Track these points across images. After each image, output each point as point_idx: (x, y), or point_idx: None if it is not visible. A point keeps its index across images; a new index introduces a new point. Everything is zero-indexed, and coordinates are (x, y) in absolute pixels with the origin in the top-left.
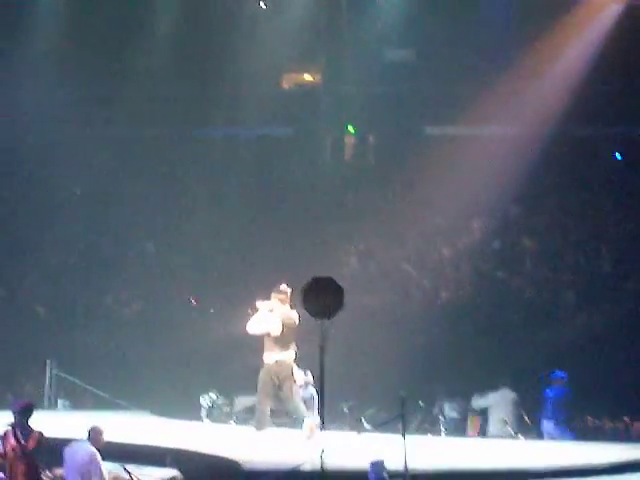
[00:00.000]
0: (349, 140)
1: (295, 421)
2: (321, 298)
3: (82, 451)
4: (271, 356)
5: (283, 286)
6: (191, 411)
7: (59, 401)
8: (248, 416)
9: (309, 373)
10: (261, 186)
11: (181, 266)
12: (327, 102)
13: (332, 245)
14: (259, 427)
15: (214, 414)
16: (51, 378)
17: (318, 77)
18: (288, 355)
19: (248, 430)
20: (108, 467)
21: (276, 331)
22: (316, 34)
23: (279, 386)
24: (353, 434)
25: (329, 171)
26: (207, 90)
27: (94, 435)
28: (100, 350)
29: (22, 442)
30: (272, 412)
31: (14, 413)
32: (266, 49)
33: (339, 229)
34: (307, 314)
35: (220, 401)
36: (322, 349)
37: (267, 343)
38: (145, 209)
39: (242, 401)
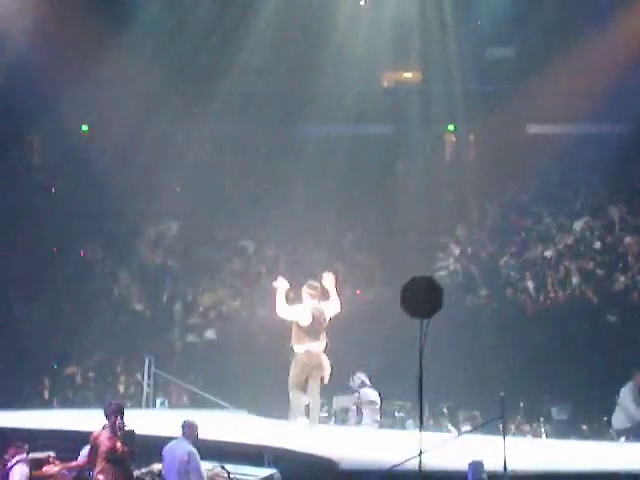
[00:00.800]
0: (449, 138)
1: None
2: (420, 298)
3: (181, 449)
4: (301, 347)
5: (313, 282)
6: (289, 411)
7: (157, 400)
8: (345, 416)
9: (363, 375)
10: (359, 185)
11: (278, 264)
12: (427, 100)
13: (432, 244)
14: (293, 419)
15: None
16: (149, 377)
17: (418, 75)
18: (318, 346)
19: (345, 430)
20: (206, 466)
21: (305, 322)
22: (416, 32)
23: (308, 375)
24: (452, 435)
25: (429, 170)
26: (306, 88)
27: (188, 430)
28: (197, 348)
29: (114, 444)
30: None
31: (106, 415)
32: (366, 47)
33: (439, 228)
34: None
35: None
36: (421, 349)
37: (297, 333)
38: (242, 207)
39: (340, 400)
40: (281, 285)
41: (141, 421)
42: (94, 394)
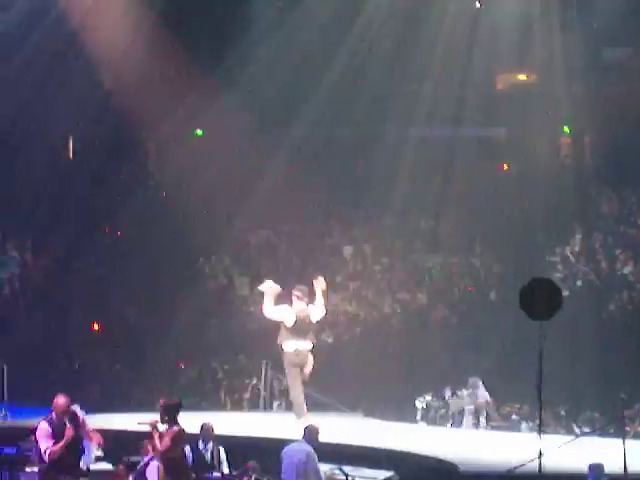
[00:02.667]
0: (564, 141)
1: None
2: (539, 299)
3: (299, 451)
4: (290, 345)
5: (301, 286)
6: (406, 413)
7: (274, 402)
8: (461, 418)
9: (478, 379)
10: (472, 188)
11: (393, 267)
12: (542, 102)
13: (548, 247)
14: (299, 415)
15: (429, 416)
16: (266, 379)
17: (533, 77)
18: (305, 345)
19: (463, 432)
20: (324, 468)
21: (289, 322)
22: (531, 33)
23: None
24: (570, 437)
25: (544, 172)
26: (419, 90)
27: (309, 434)
28: (315, 349)
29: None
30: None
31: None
32: (480, 49)
33: (555, 231)
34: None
35: (435, 403)
36: (540, 351)
37: (284, 333)
38: (343, 210)
39: (457, 403)
40: (267, 288)
41: (258, 424)
42: (210, 397)
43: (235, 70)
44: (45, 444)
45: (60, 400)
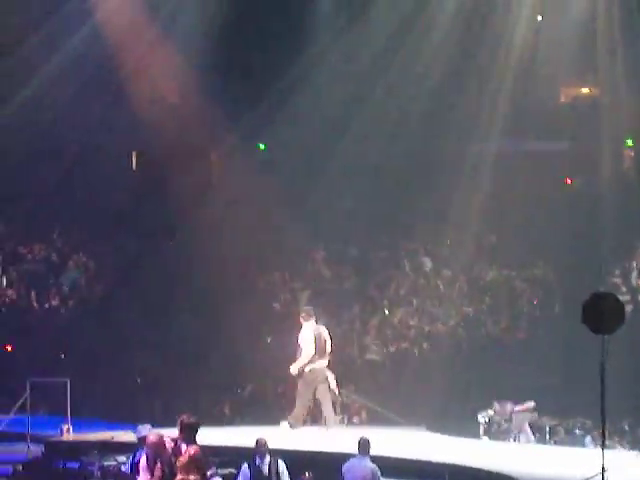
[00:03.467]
0: (628, 153)
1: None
2: (602, 314)
3: (364, 468)
4: (311, 365)
5: (309, 308)
6: (468, 428)
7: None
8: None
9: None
10: (536, 201)
11: (456, 282)
12: (605, 115)
13: (606, 261)
14: (294, 425)
15: (492, 431)
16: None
17: (596, 90)
18: (320, 364)
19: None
20: None
21: (312, 349)
22: (594, 47)
23: (315, 389)
24: (634, 452)
25: (607, 186)
26: (482, 104)
27: (366, 446)
28: (375, 366)
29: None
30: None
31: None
32: (543, 63)
33: (616, 245)
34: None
35: (498, 418)
36: (602, 365)
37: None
38: (405, 224)
39: (520, 417)
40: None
41: (319, 438)
42: (270, 411)
43: (297, 85)
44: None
45: (150, 437)
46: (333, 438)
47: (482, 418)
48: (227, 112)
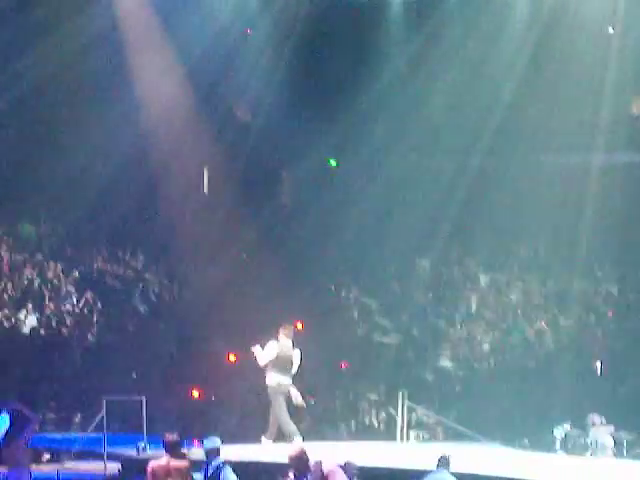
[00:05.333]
0: None
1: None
2: None
3: None
4: (273, 379)
5: (287, 325)
6: (544, 443)
7: (411, 433)
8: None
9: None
10: (608, 215)
11: (530, 297)
12: None
13: None
14: (291, 438)
15: (568, 445)
16: (403, 410)
17: None
18: (286, 379)
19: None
20: None
21: (272, 356)
22: None
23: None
24: None
25: None
26: (553, 117)
27: (446, 463)
28: (450, 381)
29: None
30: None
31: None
32: (615, 74)
33: None
34: None
35: (574, 432)
36: None
37: (269, 367)
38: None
39: (597, 432)
40: (257, 351)
41: (396, 454)
42: (348, 427)
43: (369, 103)
44: None
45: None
46: (410, 454)
47: (558, 433)
48: (298, 130)
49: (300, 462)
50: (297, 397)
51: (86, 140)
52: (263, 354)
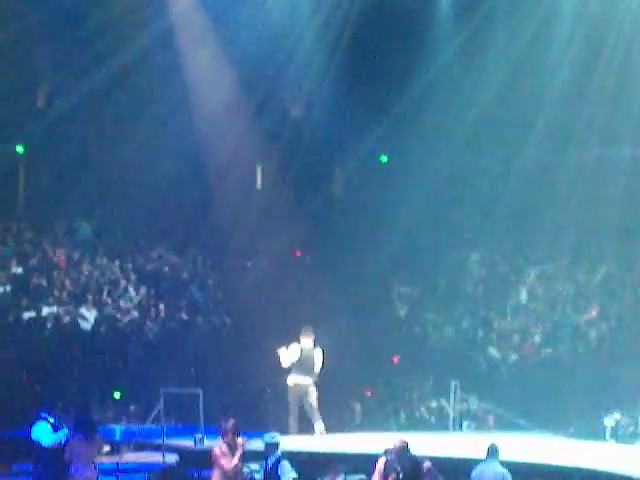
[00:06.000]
0: None
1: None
2: None
3: (491, 471)
4: (291, 379)
5: (306, 328)
6: (594, 432)
7: (463, 423)
8: None
9: None
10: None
11: (581, 290)
12: None
13: None
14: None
15: (618, 434)
16: (454, 400)
17: None
18: (304, 379)
19: None
20: None
21: (294, 357)
22: None
23: (301, 400)
24: None
25: None
26: (610, 110)
27: (496, 452)
28: (501, 372)
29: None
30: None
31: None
32: None
33: None
34: None
35: (624, 421)
36: None
37: (292, 368)
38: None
39: None
40: (282, 353)
41: (447, 445)
42: (400, 418)
43: (419, 97)
44: None
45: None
46: (461, 444)
47: (608, 422)
48: (350, 126)
49: (402, 453)
50: (312, 397)
51: (146, 139)
52: (286, 356)
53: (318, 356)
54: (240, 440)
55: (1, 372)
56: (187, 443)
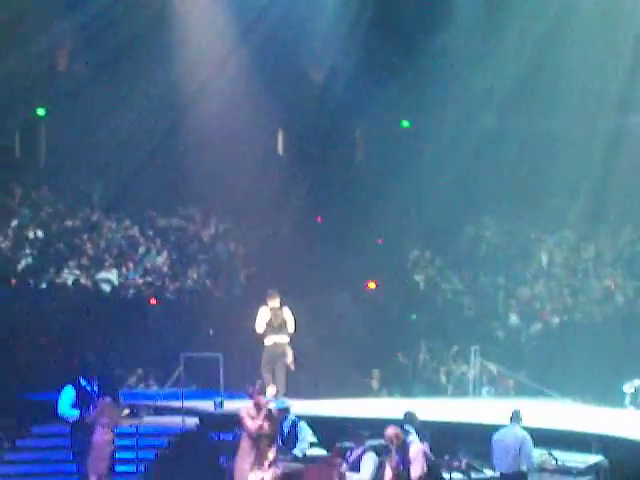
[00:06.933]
0: None
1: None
2: None
3: (512, 435)
4: (269, 339)
5: (271, 290)
6: (614, 398)
7: (483, 389)
8: None
9: None
10: None
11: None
12: None
13: None
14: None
15: (638, 401)
16: (475, 366)
17: None
18: (281, 338)
19: None
20: (535, 453)
21: (265, 318)
22: None
23: (276, 360)
24: None
25: None
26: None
27: (517, 416)
28: (521, 338)
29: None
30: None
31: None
32: None
33: None
34: None
35: None
36: None
37: (266, 330)
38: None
39: None
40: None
41: (468, 409)
42: (420, 384)
43: (442, 62)
44: None
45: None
46: (482, 410)
47: (628, 388)
48: (372, 91)
49: (398, 440)
50: (289, 357)
51: (168, 103)
52: (257, 321)
53: (288, 315)
54: (264, 401)
55: (23, 336)
56: (207, 407)
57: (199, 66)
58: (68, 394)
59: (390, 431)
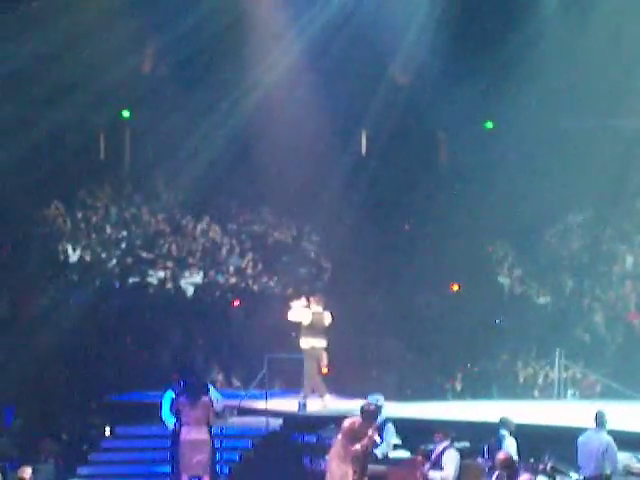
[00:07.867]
0: None
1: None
2: None
3: (598, 440)
4: (306, 343)
5: (318, 294)
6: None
7: (568, 391)
8: None
9: None
10: None
11: None
12: None
13: None
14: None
15: None
16: (560, 368)
17: None
18: (319, 342)
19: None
20: (621, 457)
21: (306, 321)
22: None
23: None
24: None
25: None
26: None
27: (602, 419)
28: (606, 339)
29: None
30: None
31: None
32: None
33: None
34: None
35: None
36: None
37: (303, 332)
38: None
39: None
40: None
41: (553, 412)
42: (503, 386)
43: (529, 65)
44: None
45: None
46: (567, 412)
47: None
48: (455, 92)
49: (510, 466)
50: (325, 360)
51: (250, 107)
52: (296, 313)
53: (328, 319)
54: (372, 429)
55: (106, 337)
56: (291, 407)
57: (282, 69)
58: (168, 399)
59: (501, 456)
